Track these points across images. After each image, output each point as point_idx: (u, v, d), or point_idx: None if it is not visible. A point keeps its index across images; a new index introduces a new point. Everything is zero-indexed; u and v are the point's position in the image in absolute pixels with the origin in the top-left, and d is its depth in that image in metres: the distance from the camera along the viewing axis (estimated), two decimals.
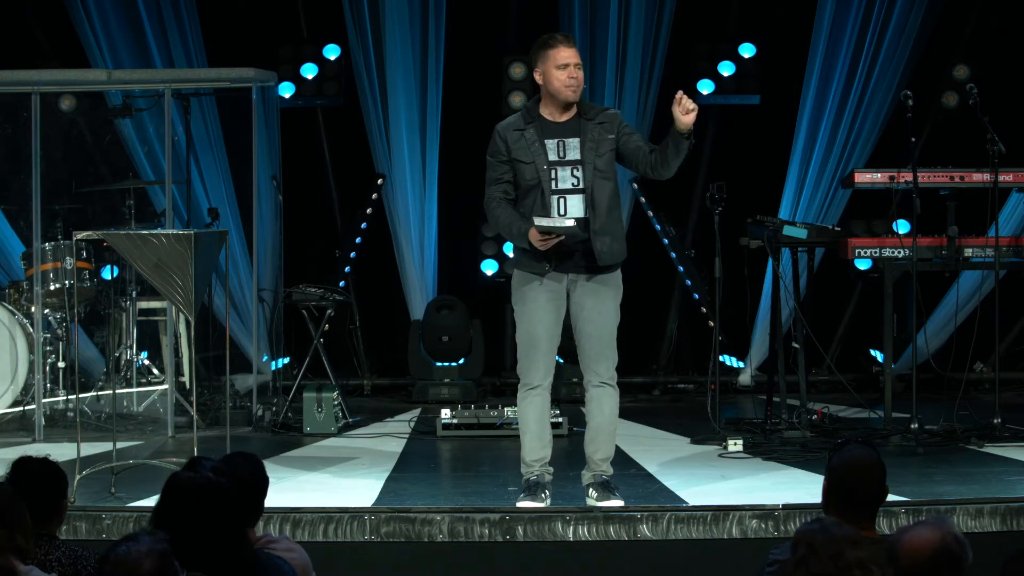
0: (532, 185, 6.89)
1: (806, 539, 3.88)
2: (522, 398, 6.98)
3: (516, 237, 6.90)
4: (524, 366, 6.98)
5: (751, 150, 12.13)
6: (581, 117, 6.94)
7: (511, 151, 6.90)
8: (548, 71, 6.90)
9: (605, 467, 7.01)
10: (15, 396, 9.91)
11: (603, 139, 6.91)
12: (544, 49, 6.93)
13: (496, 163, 6.95)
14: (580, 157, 6.87)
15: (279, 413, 9.89)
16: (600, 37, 11.55)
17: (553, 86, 6.89)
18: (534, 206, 6.86)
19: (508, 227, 6.92)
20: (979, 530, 6.68)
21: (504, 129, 6.98)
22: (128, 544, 3.53)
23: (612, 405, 6.96)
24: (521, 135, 6.91)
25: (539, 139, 6.89)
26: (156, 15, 11.35)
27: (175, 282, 7.10)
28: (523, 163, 6.88)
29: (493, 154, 6.97)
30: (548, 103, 6.96)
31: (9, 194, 10.64)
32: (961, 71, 11.64)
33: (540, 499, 6.92)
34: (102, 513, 6.81)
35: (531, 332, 6.93)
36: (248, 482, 4.79)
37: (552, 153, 6.88)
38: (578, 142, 6.89)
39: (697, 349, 11.94)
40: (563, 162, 6.88)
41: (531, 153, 6.87)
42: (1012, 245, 9.12)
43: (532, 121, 6.94)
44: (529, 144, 6.88)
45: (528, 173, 6.88)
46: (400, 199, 11.67)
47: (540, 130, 6.91)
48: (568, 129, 6.93)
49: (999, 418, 8.86)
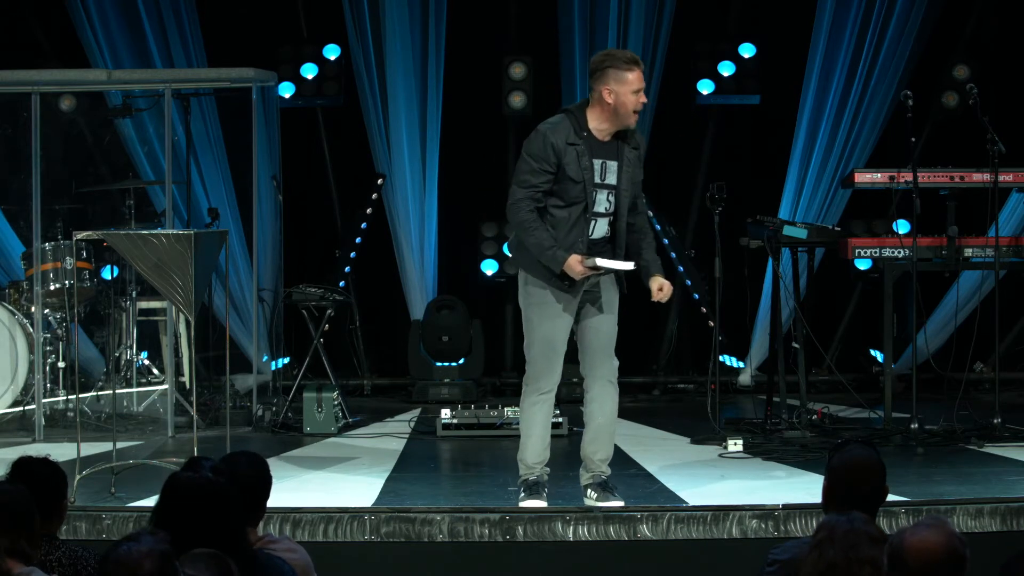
0: (575, 202, 6.78)
1: (828, 525, 3.91)
2: (532, 402, 6.94)
3: (549, 260, 6.72)
4: (539, 369, 6.91)
5: (751, 150, 12.13)
6: (619, 140, 6.88)
7: (563, 165, 6.74)
8: (623, 93, 6.75)
9: (604, 467, 7.01)
10: (15, 396, 9.91)
11: (636, 171, 6.92)
12: (621, 69, 6.78)
13: (539, 170, 6.74)
14: (616, 183, 6.83)
15: (279, 413, 9.89)
16: (600, 37, 11.54)
17: (626, 109, 6.77)
18: (568, 224, 6.77)
19: (543, 248, 6.72)
20: (979, 530, 6.68)
21: (555, 136, 6.76)
22: (129, 544, 3.53)
23: (614, 405, 6.97)
24: (574, 149, 6.75)
25: (588, 156, 6.78)
26: (156, 15, 11.35)
27: (175, 282, 7.10)
28: (572, 181, 6.75)
29: (538, 159, 6.75)
30: (600, 118, 6.82)
31: (9, 194, 10.65)
32: (961, 71, 11.63)
33: (543, 498, 6.94)
34: (102, 513, 6.81)
35: (551, 337, 6.86)
36: (250, 481, 4.79)
37: (597, 175, 6.81)
38: (616, 167, 6.84)
39: (697, 349, 11.93)
40: (603, 185, 6.82)
41: (582, 172, 6.76)
42: (1012, 245, 9.12)
43: (583, 136, 6.80)
44: (581, 161, 6.76)
45: (574, 191, 6.76)
46: (400, 199, 11.67)
47: (590, 147, 6.79)
48: (610, 151, 6.84)
49: (999, 418, 8.86)
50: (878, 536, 3.79)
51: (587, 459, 7.02)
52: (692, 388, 11.75)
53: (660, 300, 6.93)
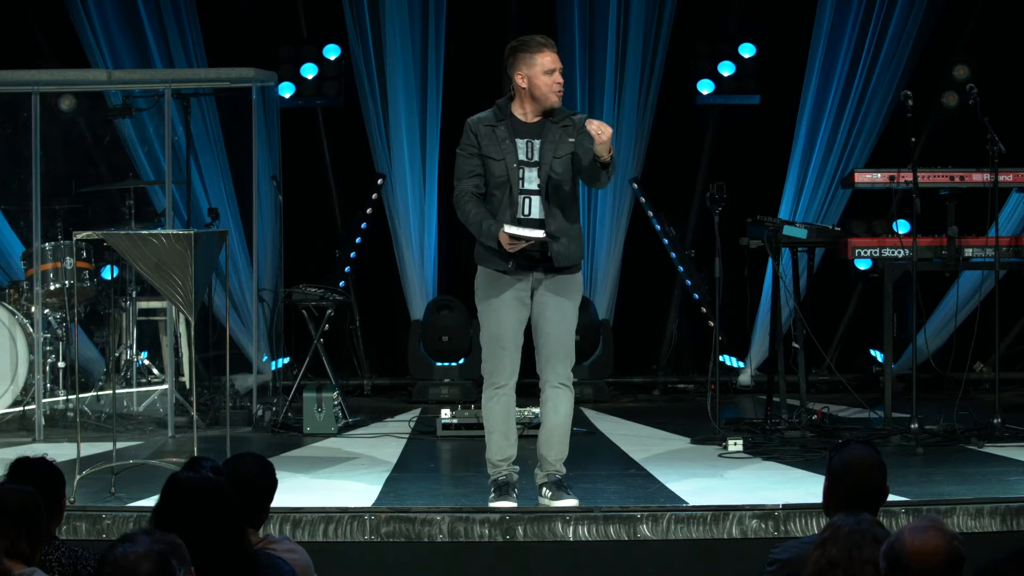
0: (500, 182, 6.88)
1: (836, 524, 3.91)
2: (488, 398, 6.98)
3: (484, 235, 6.87)
4: (490, 365, 6.97)
5: (751, 150, 12.13)
6: (547, 119, 6.93)
7: (481, 146, 6.90)
8: (534, 76, 6.86)
9: (559, 466, 7.03)
10: (15, 396, 9.91)
11: (562, 141, 6.90)
12: (527, 52, 6.88)
13: (466, 156, 6.95)
14: (539, 160, 6.88)
15: (279, 413, 9.89)
16: (600, 37, 11.55)
17: (540, 91, 6.86)
18: (501, 205, 6.87)
19: (478, 224, 6.88)
20: (979, 530, 6.68)
21: (475, 123, 6.96)
22: (125, 545, 3.51)
23: (567, 407, 6.98)
24: (492, 131, 6.90)
25: (510, 137, 6.88)
26: (156, 15, 11.36)
27: (175, 282, 7.10)
28: (492, 159, 6.88)
29: (463, 147, 6.96)
30: (524, 104, 6.93)
31: (9, 194, 10.64)
32: (961, 71, 11.63)
33: (512, 498, 6.94)
34: (102, 513, 6.81)
35: (497, 331, 6.93)
36: (255, 484, 4.78)
37: (522, 152, 6.88)
38: (539, 143, 6.90)
39: (697, 349, 11.93)
40: (531, 163, 6.89)
41: (501, 150, 6.87)
42: (1012, 245, 9.11)
43: (504, 119, 6.92)
44: (500, 141, 6.87)
45: (497, 170, 6.87)
46: (400, 199, 11.67)
47: (511, 128, 6.90)
48: (536, 130, 6.92)
49: (999, 418, 8.85)
50: (884, 537, 3.79)
51: (542, 459, 7.05)
52: (692, 388, 11.75)
53: (597, 133, 6.64)
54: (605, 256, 11.59)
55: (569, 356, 6.98)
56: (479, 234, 6.92)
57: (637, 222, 11.65)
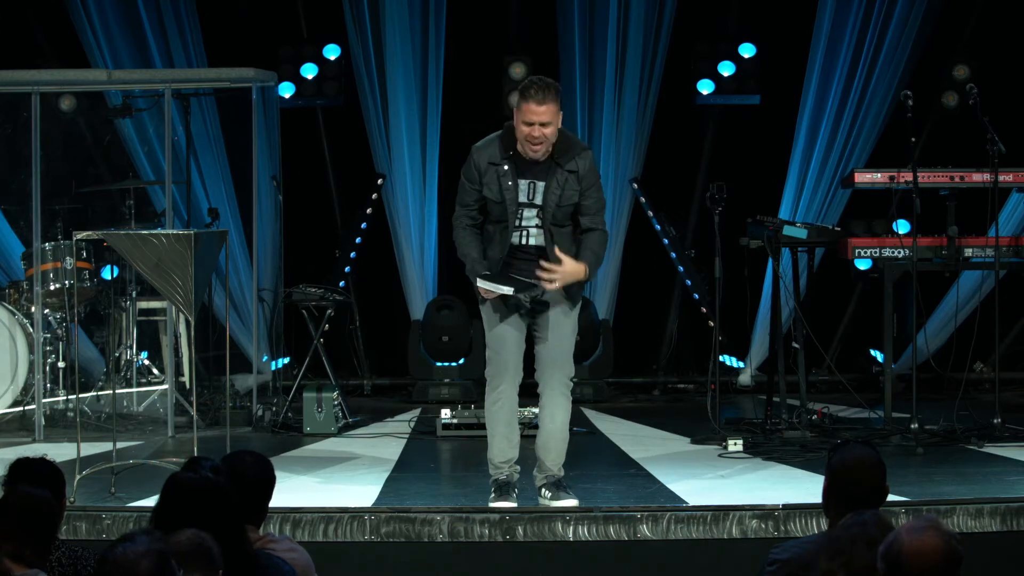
0: (500, 219, 6.89)
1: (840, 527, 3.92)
2: (492, 400, 6.98)
3: (468, 272, 6.95)
4: (494, 368, 6.98)
5: (751, 150, 12.13)
6: (553, 160, 6.85)
7: (483, 184, 6.86)
8: (517, 123, 6.79)
9: (557, 469, 7.03)
10: (15, 396, 9.91)
11: (569, 191, 6.84)
12: (520, 96, 6.79)
13: (469, 188, 6.92)
14: (542, 203, 6.85)
15: (279, 413, 9.89)
16: (600, 37, 11.54)
17: (519, 139, 6.81)
18: (494, 242, 6.91)
19: (465, 257, 6.96)
20: (979, 530, 6.68)
21: (479, 155, 6.88)
22: (125, 545, 3.52)
23: (564, 416, 6.98)
24: (495, 170, 6.83)
25: (513, 178, 6.82)
26: (156, 15, 11.36)
27: (175, 282, 7.10)
28: (494, 202, 6.86)
29: (467, 176, 6.93)
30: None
31: (9, 194, 10.65)
32: (961, 71, 11.63)
33: (512, 499, 6.95)
34: (102, 513, 6.82)
35: (500, 334, 6.95)
36: (254, 481, 4.78)
37: (523, 195, 6.85)
38: (543, 187, 6.84)
39: (697, 349, 11.93)
40: (531, 204, 6.86)
41: (502, 192, 6.82)
42: (1012, 245, 9.11)
43: (508, 155, 6.84)
44: (502, 182, 6.82)
45: (497, 211, 6.88)
46: (400, 199, 11.67)
47: (515, 167, 6.83)
48: (540, 171, 6.84)
49: (999, 418, 8.86)
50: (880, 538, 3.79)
51: (540, 461, 7.06)
52: (692, 388, 11.75)
53: (545, 279, 6.76)
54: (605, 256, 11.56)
55: (568, 363, 6.98)
56: (466, 268, 6.98)
57: (637, 222, 11.65)
